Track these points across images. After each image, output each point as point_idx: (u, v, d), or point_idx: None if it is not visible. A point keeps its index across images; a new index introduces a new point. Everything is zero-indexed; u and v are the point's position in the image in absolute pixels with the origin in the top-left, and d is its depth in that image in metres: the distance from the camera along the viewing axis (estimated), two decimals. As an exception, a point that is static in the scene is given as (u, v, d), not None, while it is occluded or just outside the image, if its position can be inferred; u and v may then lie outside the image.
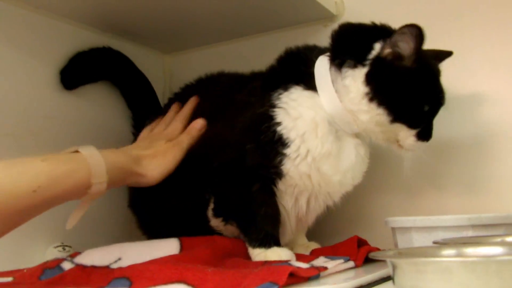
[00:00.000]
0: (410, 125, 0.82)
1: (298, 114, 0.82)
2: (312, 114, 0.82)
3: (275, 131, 0.82)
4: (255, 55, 1.19)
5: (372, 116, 0.81)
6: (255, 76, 0.95)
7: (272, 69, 0.90)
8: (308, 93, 0.83)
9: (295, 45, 0.90)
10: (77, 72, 1.09)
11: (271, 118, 0.83)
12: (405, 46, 0.78)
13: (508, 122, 0.95)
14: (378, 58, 0.80)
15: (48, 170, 0.68)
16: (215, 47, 1.28)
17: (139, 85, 1.19)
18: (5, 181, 0.63)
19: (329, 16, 1.09)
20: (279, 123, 0.82)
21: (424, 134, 0.83)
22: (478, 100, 0.97)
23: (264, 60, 0.91)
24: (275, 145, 0.82)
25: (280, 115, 0.82)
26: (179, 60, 1.34)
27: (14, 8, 0.98)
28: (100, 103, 1.14)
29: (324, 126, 0.82)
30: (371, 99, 0.80)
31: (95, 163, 0.73)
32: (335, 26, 0.86)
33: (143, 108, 1.16)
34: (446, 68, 0.87)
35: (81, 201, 0.76)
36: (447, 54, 0.90)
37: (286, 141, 0.81)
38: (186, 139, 0.92)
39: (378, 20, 0.83)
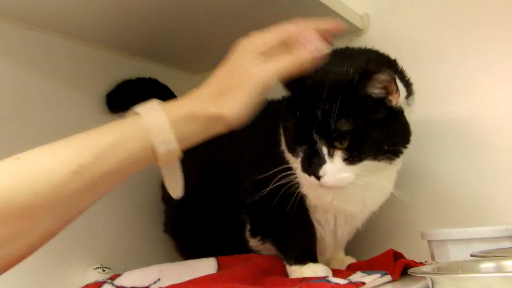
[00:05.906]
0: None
1: None
2: None
3: (283, 158, 0.81)
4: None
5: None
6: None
7: None
8: None
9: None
10: (122, 97, 1.12)
11: (277, 143, 0.83)
12: None
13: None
14: None
15: (90, 145, 0.56)
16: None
17: None
18: (37, 168, 0.52)
19: (354, 30, 1.09)
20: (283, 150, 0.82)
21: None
22: None
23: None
24: (288, 170, 0.80)
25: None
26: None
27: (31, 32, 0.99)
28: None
29: None
30: None
31: (152, 120, 0.60)
32: (361, 40, 0.86)
33: None
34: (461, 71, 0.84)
35: (161, 168, 0.63)
36: None
37: (292, 168, 0.80)
38: (286, 60, 0.68)
39: (401, 34, 0.81)
